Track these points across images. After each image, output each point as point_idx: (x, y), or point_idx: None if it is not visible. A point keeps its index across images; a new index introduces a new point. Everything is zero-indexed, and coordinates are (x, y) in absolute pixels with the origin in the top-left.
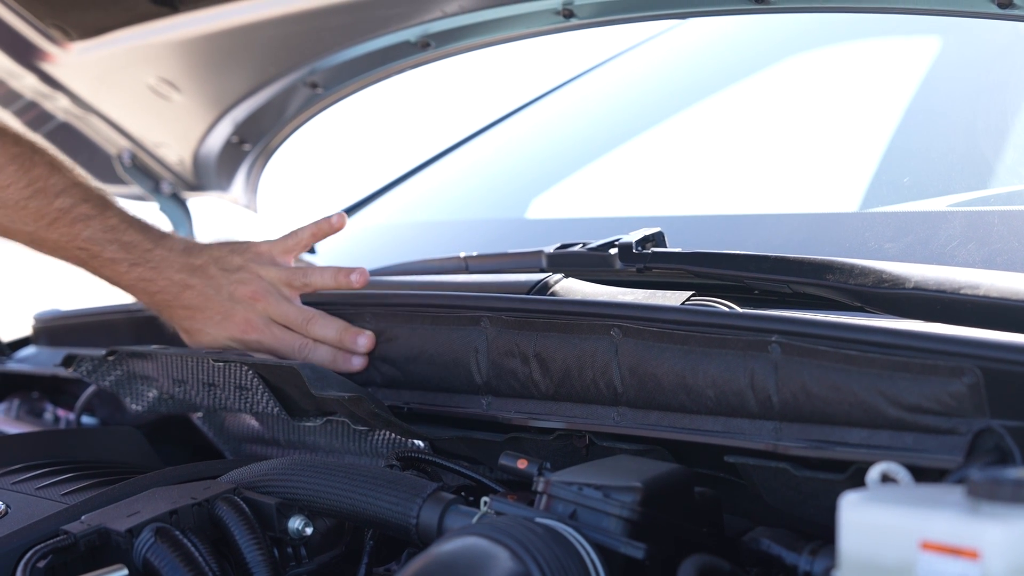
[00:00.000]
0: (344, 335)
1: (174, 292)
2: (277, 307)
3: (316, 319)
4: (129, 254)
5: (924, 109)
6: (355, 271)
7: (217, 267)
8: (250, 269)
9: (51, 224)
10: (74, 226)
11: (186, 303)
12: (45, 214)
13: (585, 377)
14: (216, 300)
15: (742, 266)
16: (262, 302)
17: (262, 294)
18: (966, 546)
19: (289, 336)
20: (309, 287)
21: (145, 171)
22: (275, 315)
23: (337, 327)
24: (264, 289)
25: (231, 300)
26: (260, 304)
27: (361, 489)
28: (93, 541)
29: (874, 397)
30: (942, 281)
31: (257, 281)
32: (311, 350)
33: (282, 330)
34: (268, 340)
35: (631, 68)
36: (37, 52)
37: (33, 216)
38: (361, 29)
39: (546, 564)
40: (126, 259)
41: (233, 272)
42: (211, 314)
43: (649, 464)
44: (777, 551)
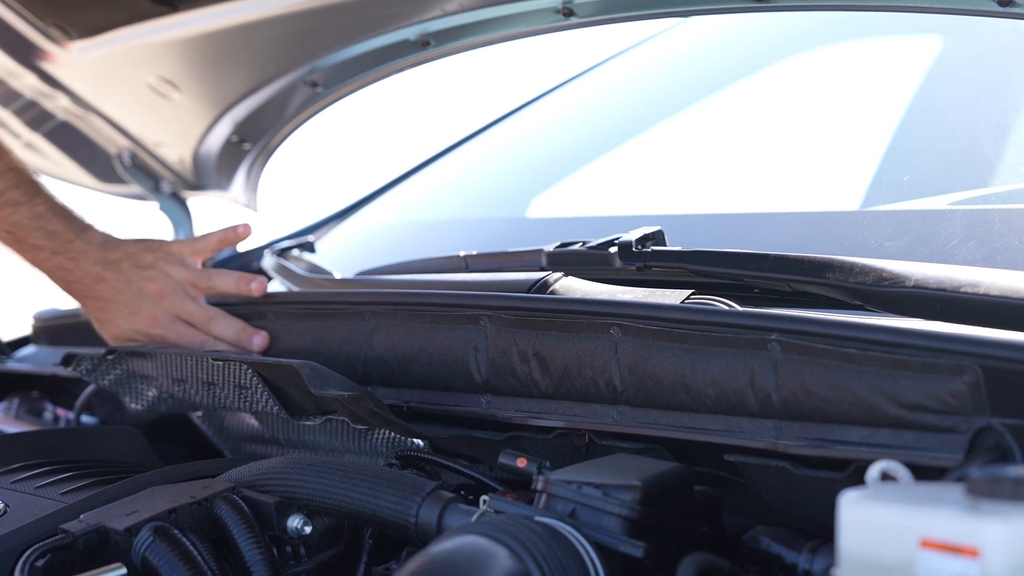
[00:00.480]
0: (241, 334)
1: (88, 283)
2: (182, 305)
3: (217, 318)
4: (51, 242)
5: (925, 108)
6: (255, 279)
7: (130, 263)
8: (160, 267)
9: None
10: (3, 210)
11: (98, 295)
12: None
13: (584, 376)
14: (126, 294)
15: (742, 264)
16: (168, 299)
17: (169, 292)
18: (966, 544)
19: (191, 332)
20: (213, 289)
21: (145, 170)
22: (180, 312)
23: (236, 327)
24: (171, 287)
25: (140, 296)
26: (167, 301)
27: (360, 488)
28: (92, 540)
29: (874, 395)
30: (942, 279)
31: (165, 279)
32: (210, 346)
33: (185, 327)
34: (171, 335)
35: (631, 67)
36: (37, 51)
37: None
38: (361, 28)
39: (545, 563)
40: (48, 247)
41: (144, 269)
42: (120, 307)
43: (648, 463)
44: (777, 550)
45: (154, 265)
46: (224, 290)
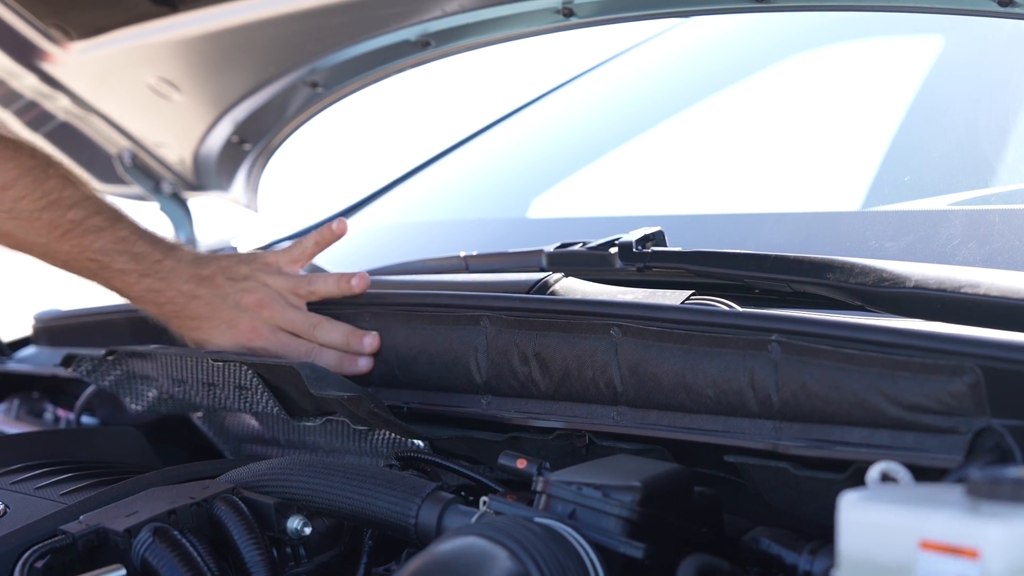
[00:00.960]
0: (351, 338)
1: (181, 303)
2: (283, 314)
3: (323, 324)
4: (139, 265)
5: (925, 108)
6: (355, 276)
7: (224, 276)
8: (256, 278)
9: (63, 235)
10: (85, 237)
11: (193, 313)
12: (58, 225)
13: (585, 376)
14: (222, 309)
15: (742, 265)
16: (268, 309)
17: (268, 302)
18: (966, 545)
19: (295, 342)
20: (314, 295)
21: (145, 171)
22: (281, 322)
23: (343, 331)
24: (270, 297)
25: (237, 308)
26: (266, 312)
27: (360, 489)
28: (91, 541)
29: (874, 396)
30: (943, 280)
31: (263, 289)
32: (317, 355)
33: (288, 336)
34: (274, 346)
35: (631, 68)
36: (37, 52)
37: (46, 227)
38: (361, 28)
39: (545, 564)
40: (136, 270)
41: (239, 281)
42: (217, 323)
43: (648, 464)
44: (777, 551)
45: (250, 276)
46: (326, 294)
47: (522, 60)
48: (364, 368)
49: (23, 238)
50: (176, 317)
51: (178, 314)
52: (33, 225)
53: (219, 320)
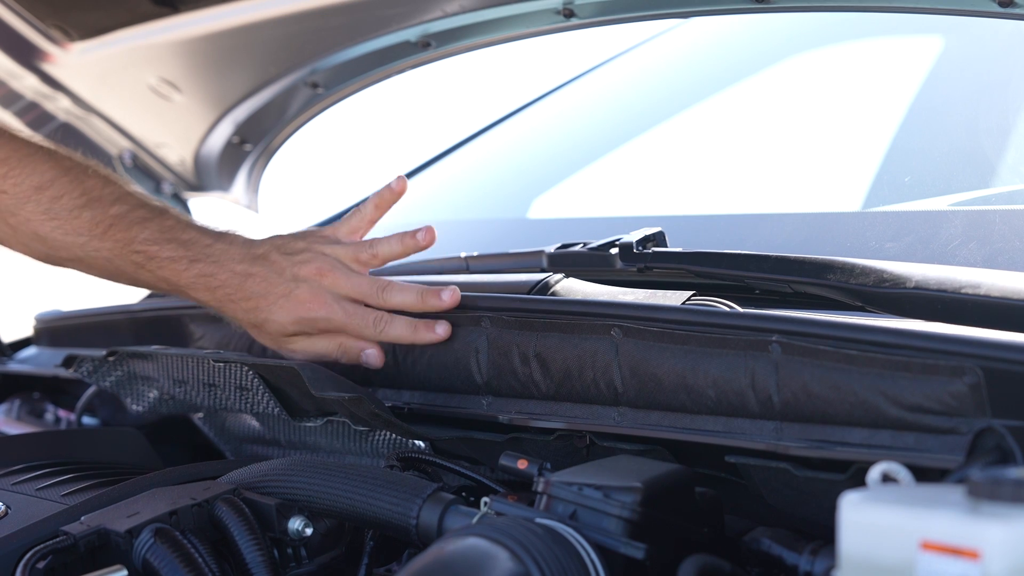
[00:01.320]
0: (425, 295)
1: (236, 284)
2: (347, 280)
3: (391, 286)
4: (188, 251)
5: (925, 108)
6: (420, 230)
7: (279, 253)
8: (313, 249)
9: (106, 231)
10: (131, 229)
11: (248, 293)
12: (100, 222)
13: (586, 377)
14: (278, 283)
15: (743, 266)
16: (328, 277)
17: (327, 269)
18: (966, 546)
19: (361, 310)
20: (377, 258)
21: (146, 171)
22: (345, 289)
23: (416, 289)
24: (330, 264)
25: (295, 280)
26: (327, 279)
27: (361, 489)
28: (93, 542)
29: (875, 397)
30: (943, 280)
31: (321, 258)
32: (387, 323)
33: (353, 305)
34: (337, 315)
35: (631, 68)
36: (38, 52)
37: (87, 225)
38: (362, 29)
39: (546, 564)
40: (186, 256)
41: (296, 255)
42: (274, 298)
43: (649, 464)
44: (778, 551)
45: (307, 249)
46: (390, 254)
47: (523, 61)
48: (442, 335)
49: (60, 239)
50: (231, 301)
51: (232, 297)
52: (73, 224)
53: (276, 295)
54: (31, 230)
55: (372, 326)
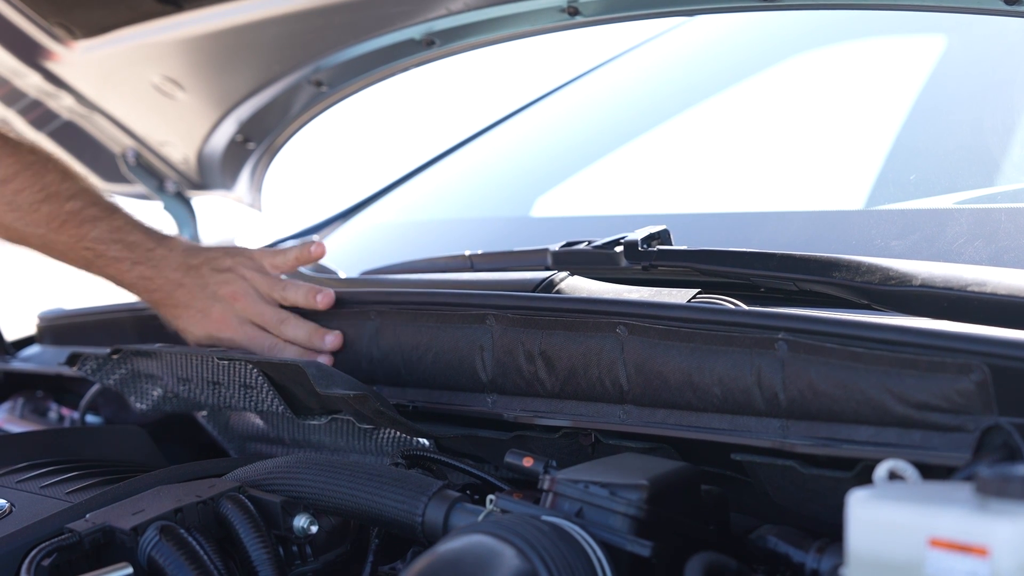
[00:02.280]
0: (313, 336)
1: (168, 290)
2: (254, 307)
3: (289, 320)
4: (132, 253)
5: (930, 107)
6: (322, 292)
7: (209, 268)
8: (237, 271)
9: (61, 226)
10: (82, 227)
11: (176, 301)
12: (55, 216)
13: (591, 375)
14: (200, 297)
15: (748, 264)
16: (240, 302)
17: (241, 294)
18: (975, 543)
19: (261, 336)
20: (285, 299)
21: (149, 170)
22: (251, 315)
23: (308, 328)
24: (244, 290)
25: (213, 298)
26: (239, 304)
27: (366, 487)
28: (98, 539)
29: (881, 394)
30: (949, 278)
31: (239, 282)
32: (280, 350)
33: (255, 329)
34: (240, 338)
35: (636, 66)
36: (41, 51)
37: (45, 219)
38: (366, 27)
39: (552, 562)
40: (128, 258)
41: (221, 272)
42: (193, 311)
43: (655, 462)
44: (784, 549)
45: (231, 269)
46: (294, 301)
47: (527, 59)
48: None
49: (23, 230)
50: (163, 305)
51: (164, 302)
52: (32, 217)
53: (196, 309)
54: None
55: (267, 351)
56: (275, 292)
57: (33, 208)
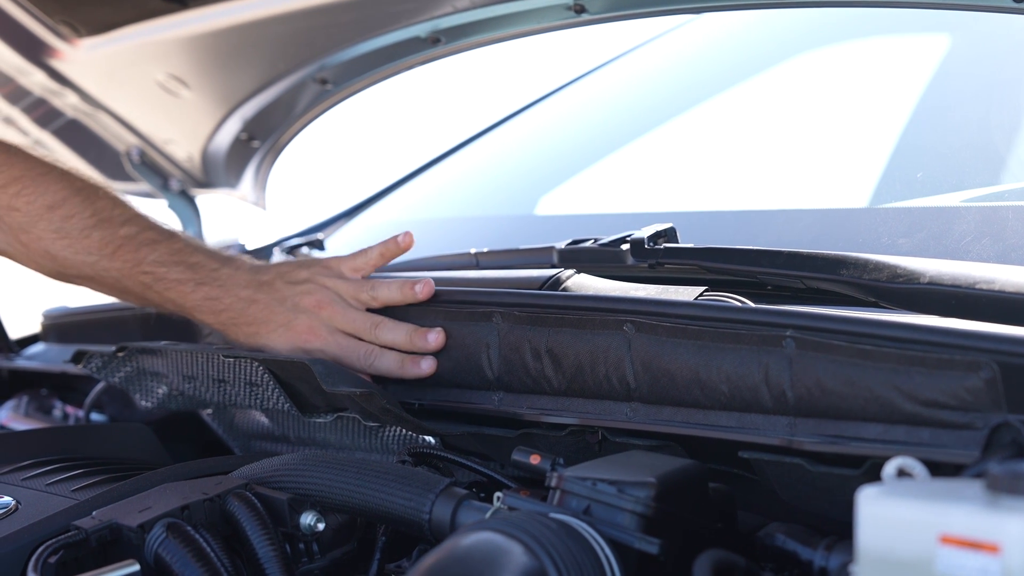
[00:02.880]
0: (413, 336)
1: (239, 309)
2: (343, 314)
3: (384, 323)
4: (195, 274)
5: (936, 105)
6: (419, 282)
7: (283, 281)
8: (316, 280)
9: (116, 251)
10: (139, 251)
11: (250, 319)
12: (109, 242)
13: (598, 372)
14: (279, 311)
15: (755, 261)
16: (326, 310)
17: (327, 302)
18: (986, 540)
19: (354, 343)
20: (376, 300)
21: (154, 168)
22: (340, 323)
23: (406, 329)
24: (329, 298)
25: (295, 310)
26: (325, 312)
27: (373, 484)
28: (104, 536)
29: (890, 392)
30: (957, 276)
31: (321, 291)
32: (377, 356)
33: (346, 338)
34: (331, 348)
35: (641, 65)
36: (46, 49)
37: (97, 245)
38: (371, 25)
39: (560, 559)
40: (193, 279)
41: (298, 284)
42: (274, 326)
43: (663, 459)
44: (792, 546)
45: (309, 279)
46: (388, 300)
47: (533, 57)
48: (426, 371)
49: (71, 259)
50: (234, 324)
51: (235, 321)
52: (83, 243)
53: (276, 323)
54: (43, 248)
55: (364, 359)
56: (363, 294)
57: (84, 234)
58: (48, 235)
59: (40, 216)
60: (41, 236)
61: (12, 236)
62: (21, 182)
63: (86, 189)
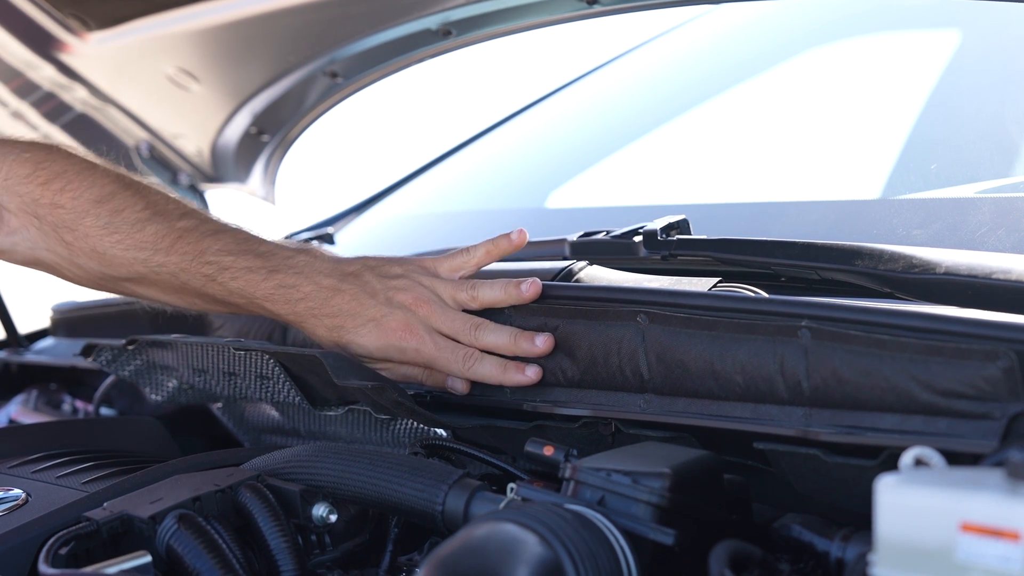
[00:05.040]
0: (518, 338)
1: (322, 298)
2: (441, 314)
3: (485, 325)
4: (268, 262)
5: (949, 97)
6: (525, 281)
7: (373, 274)
8: (412, 277)
9: (172, 244)
10: (202, 241)
11: (334, 310)
12: (166, 235)
13: (611, 364)
14: (370, 305)
15: (769, 252)
16: (424, 308)
17: (424, 300)
18: (1007, 527)
19: (452, 345)
20: (476, 301)
21: (163, 162)
22: (438, 323)
23: (509, 332)
24: (426, 296)
25: (388, 305)
26: (422, 310)
27: (386, 476)
28: (116, 528)
29: (906, 382)
30: (973, 266)
31: (419, 288)
32: (476, 360)
33: (444, 340)
34: (428, 348)
35: (653, 58)
36: (55, 42)
37: (152, 239)
38: (381, 17)
39: (575, 550)
40: (264, 267)
41: (392, 279)
42: (363, 320)
43: (677, 450)
44: (809, 537)
45: (404, 275)
46: (491, 301)
47: (545, 51)
48: (532, 378)
49: (120, 255)
50: (313, 316)
51: (315, 312)
52: (135, 238)
53: (366, 317)
54: (89, 246)
55: (462, 362)
56: (462, 294)
57: (136, 228)
58: (96, 231)
59: (87, 211)
60: (88, 233)
61: (56, 237)
62: (64, 177)
63: (135, 184)
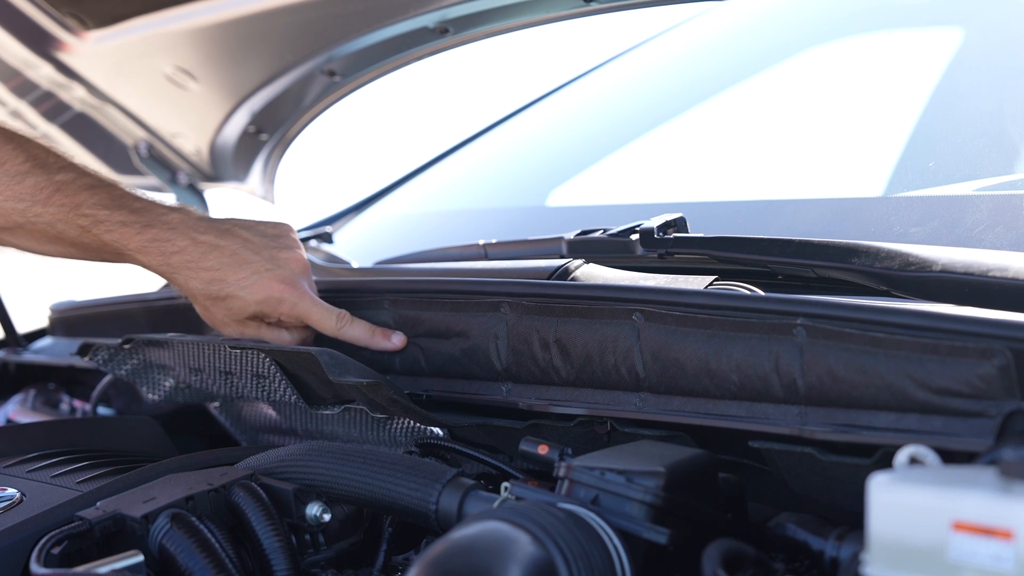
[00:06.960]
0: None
1: (199, 252)
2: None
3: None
4: (141, 217)
5: (948, 95)
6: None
7: (252, 233)
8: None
9: (50, 196)
10: (78, 195)
11: (214, 263)
12: (44, 187)
13: (607, 362)
14: (253, 260)
15: (765, 250)
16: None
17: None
18: (999, 526)
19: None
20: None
21: (162, 161)
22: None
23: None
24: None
25: (271, 261)
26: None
27: (380, 475)
28: (108, 527)
29: (902, 380)
30: (970, 264)
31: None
32: (349, 321)
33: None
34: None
35: (652, 57)
36: (53, 41)
37: (30, 190)
38: (379, 15)
39: (568, 549)
40: (138, 221)
41: (274, 238)
42: (247, 274)
43: (672, 449)
44: (803, 536)
45: (284, 235)
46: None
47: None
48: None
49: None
50: (187, 268)
51: (190, 265)
52: (14, 189)
53: (249, 271)
54: None
55: (336, 321)
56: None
57: (16, 180)
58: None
59: None
60: None
61: None
62: None
63: (18, 137)
